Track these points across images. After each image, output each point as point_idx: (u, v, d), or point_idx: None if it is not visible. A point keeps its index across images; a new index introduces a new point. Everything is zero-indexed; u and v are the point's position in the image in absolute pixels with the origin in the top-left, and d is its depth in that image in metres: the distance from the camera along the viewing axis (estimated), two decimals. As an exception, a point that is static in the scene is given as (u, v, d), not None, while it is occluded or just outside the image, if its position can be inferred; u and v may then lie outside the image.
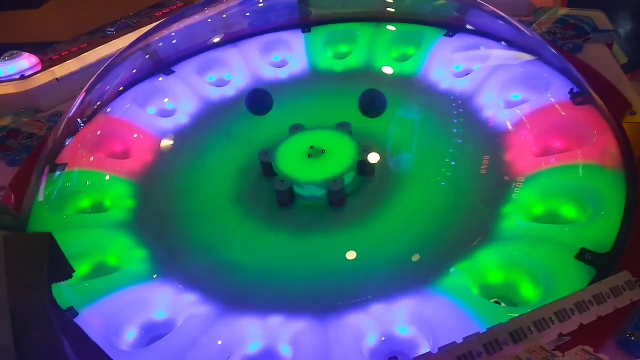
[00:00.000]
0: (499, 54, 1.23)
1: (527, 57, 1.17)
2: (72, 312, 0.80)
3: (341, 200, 0.98)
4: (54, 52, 1.45)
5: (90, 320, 0.81)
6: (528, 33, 1.17)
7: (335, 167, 0.99)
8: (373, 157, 1.01)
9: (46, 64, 1.40)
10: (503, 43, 1.24)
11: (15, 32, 2.84)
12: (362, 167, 1.02)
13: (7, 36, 2.58)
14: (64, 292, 0.84)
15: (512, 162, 1.00)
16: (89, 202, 1.09)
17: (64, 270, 0.47)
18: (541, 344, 0.59)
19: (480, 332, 0.61)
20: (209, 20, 1.45)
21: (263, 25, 1.49)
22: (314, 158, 1.03)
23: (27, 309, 0.44)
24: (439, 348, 0.61)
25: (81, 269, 0.94)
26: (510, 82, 1.16)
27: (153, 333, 0.82)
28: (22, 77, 1.36)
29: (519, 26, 1.18)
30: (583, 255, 0.76)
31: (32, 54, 1.41)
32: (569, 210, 0.89)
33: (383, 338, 0.74)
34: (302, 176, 0.99)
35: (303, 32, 1.46)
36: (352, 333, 0.74)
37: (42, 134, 1.26)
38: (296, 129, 1.13)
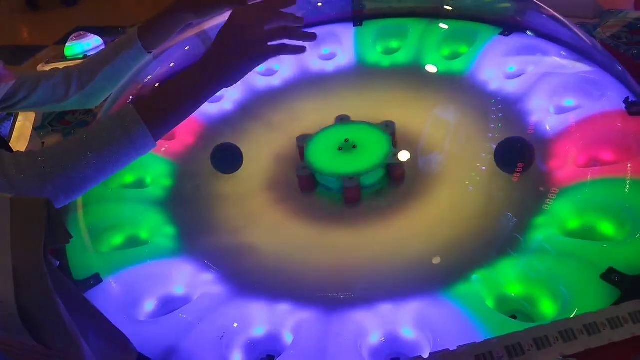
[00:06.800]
0: (554, 57, 1.16)
1: (584, 62, 1.10)
2: (97, 279, 0.86)
3: (355, 198, 0.98)
4: (118, 35, 1.53)
5: (113, 288, 0.86)
6: (585, 37, 1.10)
7: (356, 165, 0.99)
8: (401, 160, 0.99)
9: (109, 46, 1.49)
10: (560, 46, 1.17)
11: (93, 17, 3.05)
12: (390, 171, 1.01)
13: (84, 20, 2.78)
14: (92, 260, 0.90)
15: (551, 171, 0.94)
16: (132, 178, 1.15)
17: (60, 236, 0.50)
18: (539, 363, 0.56)
19: (476, 342, 0.59)
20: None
21: (316, 18, 1.50)
22: (344, 151, 1.03)
23: (24, 267, 0.48)
24: (431, 354, 0.59)
25: (115, 239, 1.00)
26: (563, 87, 1.10)
27: (169, 307, 0.85)
28: (85, 56, 1.45)
29: (576, 30, 1.11)
30: (610, 275, 0.71)
31: (98, 36, 1.50)
32: (605, 227, 0.83)
33: (383, 338, 0.73)
34: (323, 166, 0.99)
35: (354, 25, 1.45)
36: (353, 329, 0.74)
37: (97, 111, 1.34)
38: (341, 120, 1.13)
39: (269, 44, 0.72)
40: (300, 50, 0.78)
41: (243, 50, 0.71)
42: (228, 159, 1.09)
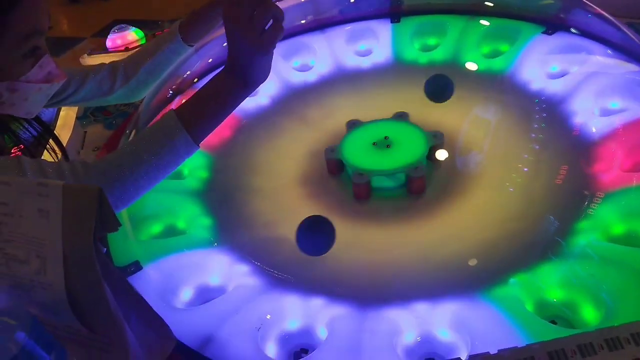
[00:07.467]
0: (599, 57, 1.13)
1: (632, 62, 1.07)
2: (137, 266, 0.88)
3: (362, 195, 0.99)
4: (159, 29, 1.56)
5: (152, 276, 0.87)
6: (634, 37, 1.06)
7: (373, 164, 0.99)
8: (440, 155, 0.98)
9: (149, 39, 1.51)
10: (606, 46, 1.13)
11: (133, 10, 3.11)
12: (409, 181, 0.99)
13: (121, 13, 2.84)
14: (132, 247, 0.92)
15: (596, 175, 0.92)
16: (171, 169, 1.17)
17: (110, 223, 0.51)
18: (583, 370, 0.54)
19: (518, 347, 0.58)
20: (301, 5, 1.48)
21: (353, 14, 1.49)
22: (377, 148, 1.03)
23: (74, 253, 0.49)
24: (470, 356, 0.58)
25: (154, 228, 1.02)
26: (609, 89, 1.06)
27: (205, 296, 0.87)
28: (127, 49, 1.48)
29: (625, 29, 1.07)
30: (657, 284, 0.69)
31: (139, 29, 1.53)
32: (652, 234, 0.80)
33: (419, 338, 0.72)
34: (348, 154, 1.02)
35: (392, 22, 1.44)
36: (388, 327, 0.73)
37: (138, 103, 1.37)
38: (399, 117, 1.13)
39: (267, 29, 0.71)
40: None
41: (250, 47, 0.71)
42: (441, 89, 1.11)
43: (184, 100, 1.27)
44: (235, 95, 0.75)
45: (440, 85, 1.10)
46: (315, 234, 0.85)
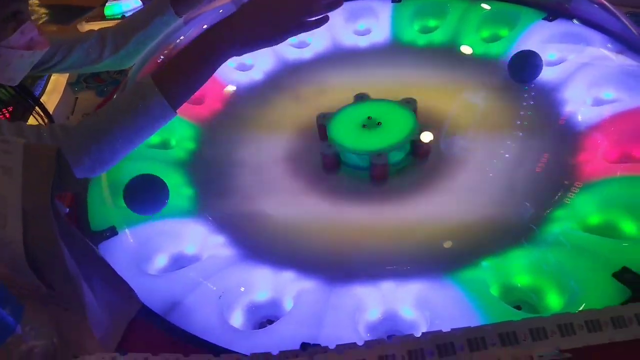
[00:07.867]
0: (598, 46, 1.10)
1: (629, 53, 1.04)
2: (113, 231, 0.89)
3: (383, 175, 0.96)
4: (157, -2, 1.55)
5: (127, 241, 0.88)
6: (633, 28, 1.04)
7: (383, 142, 0.97)
8: (426, 137, 0.98)
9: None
10: (606, 35, 1.11)
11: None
12: (415, 147, 0.99)
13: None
14: (110, 213, 0.93)
15: (578, 164, 0.91)
16: (158, 139, 1.18)
17: (68, 182, 0.52)
18: (532, 353, 0.55)
19: (470, 327, 0.58)
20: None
21: (355, -8, 1.47)
22: (368, 129, 1.02)
23: (32, 210, 0.50)
24: (423, 333, 0.58)
25: (136, 196, 1.03)
26: (603, 79, 1.04)
27: (179, 264, 0.88)
28: (123, 17, 1.48)
29: (624, 20, 1.05)
30: (623, 274, 0.69)
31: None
32: (627, 226, 0.80)
33: (380, 315, 0.73)
34: (348, 144, 0.98)
35: (393, 1, 1.42)
36: (352, 303, 0.74)
37: (129, 71, 1.37)
38: (360, 98, 1.12)
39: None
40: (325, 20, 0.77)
41: (274, 26, 0.71)
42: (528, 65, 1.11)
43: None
44: (219, 55, 0.75)
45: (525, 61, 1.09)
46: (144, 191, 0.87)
